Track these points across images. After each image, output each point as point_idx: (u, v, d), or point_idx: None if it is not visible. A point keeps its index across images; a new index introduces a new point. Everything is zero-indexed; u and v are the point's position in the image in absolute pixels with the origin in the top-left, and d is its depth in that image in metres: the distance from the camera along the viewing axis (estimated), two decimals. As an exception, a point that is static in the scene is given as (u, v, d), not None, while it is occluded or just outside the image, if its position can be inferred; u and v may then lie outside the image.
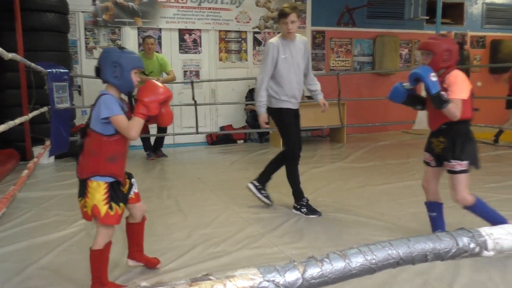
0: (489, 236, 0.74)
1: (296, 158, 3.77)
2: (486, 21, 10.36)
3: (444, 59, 2.64)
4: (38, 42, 6.12)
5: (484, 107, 10.40)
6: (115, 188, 2.20)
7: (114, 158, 2.17)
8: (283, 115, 3.69)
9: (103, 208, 2.14)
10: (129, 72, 2.18)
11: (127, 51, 2.25)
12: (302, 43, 3.70)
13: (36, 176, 5.28)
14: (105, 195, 2.15)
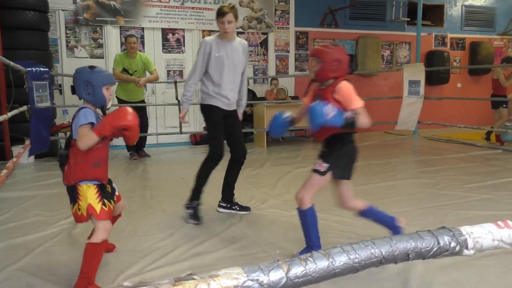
0: (469, 235, 0.75)
1: (217, 159, 3.56)
2: (466, 23, 10.55)
3: (333, 69, 2.55)
4: (17, 40, 6.01)
5: (464, 108, 10.62)
6: (103, 188, 2.39)
7: (98, 163, 2.35)
8: (212, 112, 3.56)
9: (98, 206, 2.31)
10: (100, 89, 2.38)
11: (97, 70, 2.42)
12: (241, 46, 3.61)
13: (15, 176, 5.18)
14: (96, 193, 2.33)
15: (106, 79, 2.43)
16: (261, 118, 7.53)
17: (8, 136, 5.89)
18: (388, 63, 9.91)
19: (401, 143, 7.93)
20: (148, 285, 0.57)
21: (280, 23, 8.83)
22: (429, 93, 9.05)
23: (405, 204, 3.88)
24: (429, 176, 4.98)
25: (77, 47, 7.43)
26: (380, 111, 9.48)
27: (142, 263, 2.66)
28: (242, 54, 3.59)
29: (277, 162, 6.11)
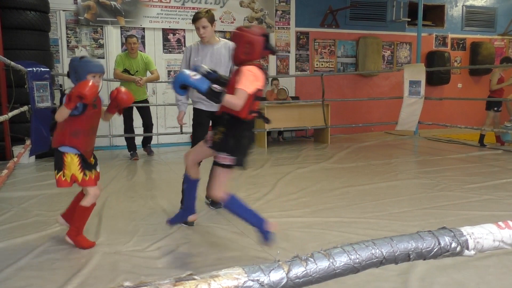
0: (470, 235, 0.75)
1: None
2: (466, 24, 10.55)
3: (245, 51, 2.48)
4: (18, 40, 6.01)
5: (464, 108, 10.62)
6: (84, 159, 2.81)
7: (76, 133, 2.74)
8: (194, 115, 3.78)
9: (80, 175, 2.78)
10: (85, 76, 2.72)
11: (84, 59, 2.80)
12: (225, 48, 3.64)
13: (16, 175, 5.19)
14: (79, 165, 2.77)
15: (91, 68, 2.76)
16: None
17: (8, 136, 5.90)
18: (389, 64, 9.91)
19: (401, 143, 7.93)
20: (149, 285, 0.57)
21: (280, 24, 8.83)
22: (429, 94, 9.05)
23: (405, 205, 3.88)
24: (429, 177, 4.98)
25: (78, 47, 7.43)
26: (381, 112, 9.49)
27: (142, 263, 2.66)
28: (226, 55, 3.63)
29: (278, 162, 6.11)
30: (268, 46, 2.55)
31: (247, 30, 2.52)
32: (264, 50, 2.54)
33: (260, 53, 2.54)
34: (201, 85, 2.35)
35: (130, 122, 6.41)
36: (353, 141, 8.06)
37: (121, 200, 4.14)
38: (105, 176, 5.21)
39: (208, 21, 3.55)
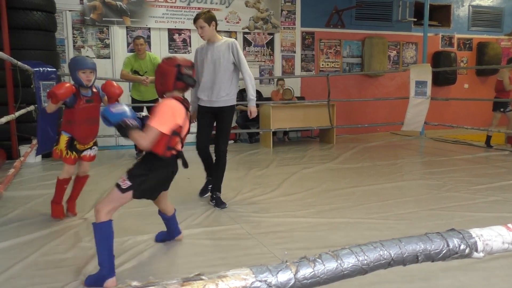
0: (479, 237, 0.74)
1: (197, 151, 4.08)
2: (473, 24, 10.49)
3: (161, 82, 2.49)
4: (24, 40, 6.04)
5: (471, 109, 10.55)
6: (71, 142, 3.38)
7: (69, 122, 3.36)
8: (198, 112, 4.01)
9: (64, 152, 3.38)
10: (76, 72, 3.22)
11: (75, 58, 3.38)
12: (225, 45, 3.83)
13: (22, 175, 5.22)
14: (65, 144, 3.37)
15: (80, 65, 3.23)
16: (267, 118, 7.53)
17: (15, 136, 5.93)
18: (395, 64, 9.87)
19: (407, 144, 7.90)
20: (156, 285, 0.57)
21: (286, 24, 8.82)
22: (436, 94, 9.01)
23: (411, 206, 3.86)
24: (435, 178, 4.95)
25: (84, 47, 7.46)
26: (387, 112, 9.46)
27: (149, 262, 2.66)
28: (225, 52, 3.81)
29: (283, 162, 6.10)
30: (181, 77, 2.47)
31: (164, 61, 2.52)
32: (177, 81, 2.46)
33: (173, 84, 2.47)
34: (113, 117, 2.30)
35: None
36: (358, 141, 8.04)
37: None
38: (110, 175, 5.23)
39: (205, 21, 3.75)
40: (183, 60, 2.52)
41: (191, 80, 2.50)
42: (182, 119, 2.45)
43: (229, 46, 3.82)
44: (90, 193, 4.35)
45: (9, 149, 5.94)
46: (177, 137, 2.45)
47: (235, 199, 4.12)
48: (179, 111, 2.44)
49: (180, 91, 2.53)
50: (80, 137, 3.40)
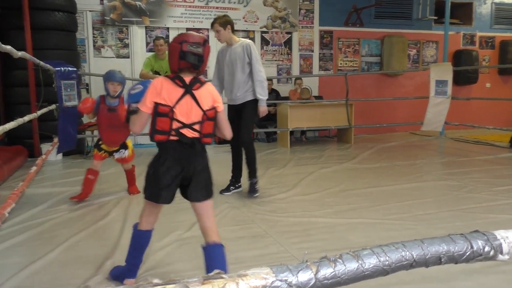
0: (504, 239, 0.73)
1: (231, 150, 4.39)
2: (495, 21, 10.28)
3: (169, 63, 2.20)
4: (46, 40, 6.16)
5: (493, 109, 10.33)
6: (99, 143, 4.01)
7: (98, 126, 4.00)
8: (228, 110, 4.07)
9: (94, 151, 4.07)
10: (106, 83, 3.81)
11: (109, 71, 3.86)
12: (241, 46, 4.06)
13: (44, 172, 5.31)
14: (95, 144, 4.10)
15: (109, 77, 3.78)
16: (284, 118, 7.51)
17: (37, 134, 6.05)
18: (415, 63, 9.74)
19: (427, 144, 7.79)
20: (177, 283, 0.57)
21: (304, 22, 8.79)
22: (456, 93, 8.85)
23: (431, 206, 3.81)
24: (456, 178, 4.87)
25: (104, 47, 7.56)
26: (406, 112, 9.34)
27: (165, 260, 2.68)
28: (241, 54, 4.04)
29: (300, 162, 6.08)
30: (183, 56, 2.10)
31: (174, 38, 2.20)
32: (180, 60, 2.10)
33: (177, 64, 2.12)
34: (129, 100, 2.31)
35: None
36: (377, 141, 7.96)
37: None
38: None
39: (220, 26, 4.00)
40: (192, 35, 2.15)
41: (192, 58, 2.09)
42: (166, 98, 2.08)
43: (244, 48, 4.04)
44: (110, 190, 4.42)
45: (31, 147, 6.07)
46: (165, 118, 2.07)
47: (252, 198, 4.12)
48: (164, 89, 2.09)
49: (189, 72, 2.14)
50: (105, 140, 3.98)
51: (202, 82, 2.17)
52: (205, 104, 2.13)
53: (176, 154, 2.11)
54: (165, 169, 2.11)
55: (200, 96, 2.13)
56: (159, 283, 0.57)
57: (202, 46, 2.12)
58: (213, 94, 2.19)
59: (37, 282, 2.40)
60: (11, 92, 6.23)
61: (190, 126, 2.11)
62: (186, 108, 2.10)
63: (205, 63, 2.18)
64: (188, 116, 2.11)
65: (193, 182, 2.15)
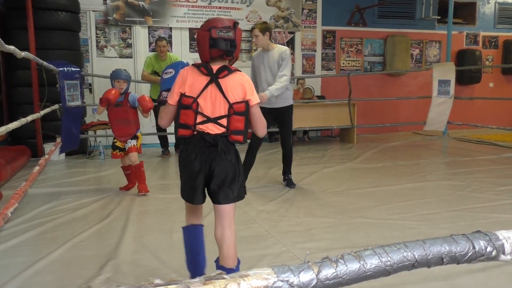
0: (507, 240, 0.73)
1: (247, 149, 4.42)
2: (499, 21, 10.24)
3: (199, 53, 2.03)
4: (49, 40, 6.17)
5: (496, 108, 10.30)
6: (114, 141, 4.29)
7: (110, 122, 4.30)
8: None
9: (111, 151, 4.38)
10: (112, 81, 4.16)
11: (115, 70, 4.22)
12: (278, 53, 4.24)
13: (47, 172, 5.33)
14: (112, 145, 4.35)
15: (115, 75, 4.14)
16: (287, 117, 7.50)
17: (40, 134, 6.06)
18: (417, 62, 9.72)
19: (430, 143, 7.77)
20: (179, 283, 0.57)
21: (307, 22, 8.78)
22: (459, 93, 8.83)
23: (434, 206, 3.80)
24: (459, 178, 4.86)
25: (107, 47, 7.58)
26: (409, 111, 9.32)
27: (168, 260, 2.69)
28: (276, 59, 4.23)
29: (303, 162, 6.08)
30: (213, 43, 1.93)
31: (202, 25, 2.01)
32: (211, 49, 1.94)
33: (208, 53, 1.96)
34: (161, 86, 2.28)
35: None
36: (379, 141, 7.95)
37: (149, 197, 4.19)
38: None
39: (260, 31, 4.19)
40: (220, 20, 1.98)
41: (223, 45, 1.92)
42: (190, 88, 1.95)
43: (281, 53, 4.24)
44: (112, 190, 4.43)
45: (34, 147, 6.08)
46: (189, 111, 1.94)
47: (253, 197, 4.12)
48: (189, 78, 1.96)
49: (222, 61, 1.99)
50: (116, 135, 4.24)
51: (231, 70, 1.97)
52: (232, 95, 1.94)
53: (197, 151, 1.96)
54: (189, 169, 1.99)
55: (226, 86, 1.94)
56: (161, 283, 0.57)
57: (233, 29, 1.96)
58: (244, 85, 1.98)
59: (40, 281, 2.41)
60: (14, 92, 6.25)
61: (215, 121, 1.94)
62: (210, 99, 1.94)
63: (238, 48, 2.01)
64: (213, 108, 1.95)
65: (212, 182, 1.99)
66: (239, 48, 2.02)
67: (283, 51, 4.26)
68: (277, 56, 4.25)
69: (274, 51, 4.28)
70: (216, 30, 1.91)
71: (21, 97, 6.17)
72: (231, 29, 1.95)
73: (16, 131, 4.14)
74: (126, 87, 4.14)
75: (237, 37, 1.98)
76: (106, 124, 6.47)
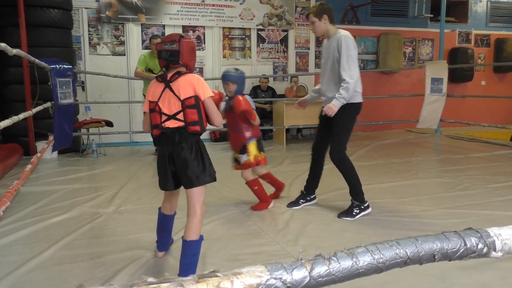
0: (498, 236, 0.73)
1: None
2: (491, 19, 10.31)
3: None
4: (41, 38, 6.12)
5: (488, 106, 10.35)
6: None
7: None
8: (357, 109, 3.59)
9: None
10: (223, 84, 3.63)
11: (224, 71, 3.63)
12: (335, 40, 3.39)
13: (39, 170, 5.29)
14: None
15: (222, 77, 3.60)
16: (280, 115, 7.51)
17: (32, 132, 6.02)
18: (410, 60, 9.76)
19: (422, 141, 7.81)
20: (172, 281, 0.57)
21: (300, 20, 8.78)
22: (452, 91, 8.88)
23: (427, 204, 3.82)
24: (451, 176, 4.89)
25: (100, 45, 7.53)
26: (402, 109, 9.37)
27: (161, 259, 2.68)
28: (334, 49, 3.39)
29: (296, 159, 6.09)
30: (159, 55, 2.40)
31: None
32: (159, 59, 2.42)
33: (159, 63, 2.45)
34: None
35: None
36: (373, 139, 7.98)
37: (141, 195, 4.18)
38: (125, 171, 5.28)
39: (315, 16, 3.42)
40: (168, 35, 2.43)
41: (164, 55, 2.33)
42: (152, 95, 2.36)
43: (337, 41, 3.37)
44: (106, 188, 4.41)
45: (26, 145, 6.04)
46: (155, 113, 2.33)
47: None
48: (151, 88, 2.40)
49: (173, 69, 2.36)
50: (231, 145, 3.79)
51: (181, 74, 2.31)
52: (182, 93, 2.27)
53: (163, 144, 2.37)
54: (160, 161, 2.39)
55: (177, 86, 2.28)
56: (154, 281, 0.57)
57: (177, 42, 2.29)
58: (193, 83, 2.29)
59: (32, 280, 2.40)
60: (6, 90, 6.19)
61: (174, 117, 2.29)
62: (167, 100, 2.30)
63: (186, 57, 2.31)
64: (170, 107, 2.30)
65: (177, 170, 2.34)
66: (187, 57, 2.33)
67: (339, 38, 3.36)
68: (334, 45, 3.39)
69: (332, 39, 3.43)
70: (162, 44, 2.33)
71: (13, 95, 6.12)
72: (175, 42, 2.30)
73: (8, 129, 4.10)
74: (236, 89, 3.52)
75: (182, 48, 2.30)
76: (99, 122, 6.46)
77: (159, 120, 2.32)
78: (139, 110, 7.76)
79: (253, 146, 3.61)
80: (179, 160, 2.30)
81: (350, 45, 3.35)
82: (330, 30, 3.46)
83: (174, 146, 2.30)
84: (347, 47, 3.33)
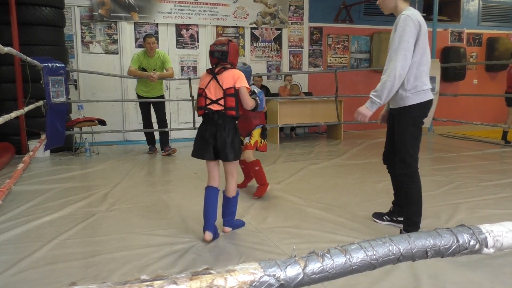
0: (489, 233, 0.74)
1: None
2: (483, 18, 10.38)
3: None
4: (33, 36, 6.08)
5: (480, 105, 10.42)
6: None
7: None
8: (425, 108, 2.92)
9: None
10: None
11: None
12: (397, 21, 2.78)
13: (31, 169, 5.26)
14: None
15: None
16: (274, 114, 7.52)
17: (24, 131, 5.98)
18: (403, 59, 9.78)
19: (415, 140, 7.83)
20: (165, 279, 0.57)
21: (294, 19, 8.79)
22: (444, 90, 8.93)
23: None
24: (443, 174, 4.92)
25: (92, 43, 7.49)
26: (394, 108, 9.40)
27: (156, 257, 2.68)
28: (394, 31, 2.81)
29: (290, 158, 6.10)
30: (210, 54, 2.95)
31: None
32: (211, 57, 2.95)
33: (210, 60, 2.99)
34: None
35: (148, 117, 6.44)
36: (366, 137, 8.01)
37: (135, 194, 4.17)
38: (118, 170, 5.26)
39: None
40: (218, 40, 2.98)
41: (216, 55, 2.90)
42: (201, 83, 2.95)
43: (397, 23, 2.77)
44: (99, 187, 4.39)
45: (18, 144, 6.00)
46: (201, 98, 2.92)
47: (242, 194, 4.12)
48: (202, 78, 2.99)
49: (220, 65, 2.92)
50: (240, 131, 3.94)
51: (226, 68, 2.89)
52: (225, 84, 2.85)
53: (206, 123, 2.92)
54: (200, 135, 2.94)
55: (222, 78, 2.87)
56: (147, 279, 0.57)
57: (226, 45, 2.88)
58: (234, 76, 2.86)
59: (25, 280, 2.38)
60: (-2, 88, 6.15)
61: (216, 101, 2.87)
62: (213, 88, 2.88)
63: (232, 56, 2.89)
64: (215, 94, 2.87)
65: (217, 146, 2.87)
66: (233, 56, 2.91)
67: (399, 18, 2.75)
68: (395, 27, 2.78)
69: (397, 20, 2.78)
70: (214, 46, 2.91)
71: (5, 94, 6.08)
72: (225, 44, 2.89)
73: (0, 128, 4.07)
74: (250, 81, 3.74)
75: (230, 49, 2.89)
76: (92, 120, 6.42)
77: (204, 103, 2.89)
78: (132, 108, 7.73)
79: (257, 132, 4.07)
80: (221, 139, 2.85)
81: (407, 26, 2.67)
82: (399, 7, 2.82)
83: (218, 127, 2.85)
84: (403, 29, 2.68)
